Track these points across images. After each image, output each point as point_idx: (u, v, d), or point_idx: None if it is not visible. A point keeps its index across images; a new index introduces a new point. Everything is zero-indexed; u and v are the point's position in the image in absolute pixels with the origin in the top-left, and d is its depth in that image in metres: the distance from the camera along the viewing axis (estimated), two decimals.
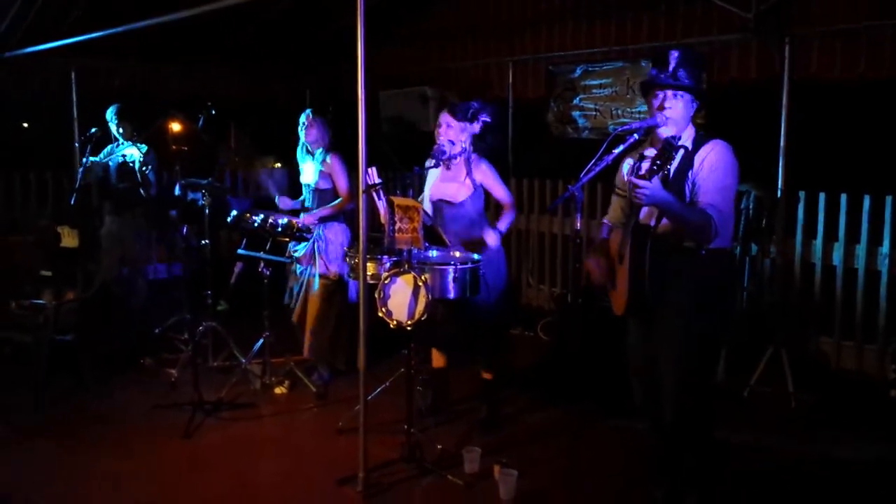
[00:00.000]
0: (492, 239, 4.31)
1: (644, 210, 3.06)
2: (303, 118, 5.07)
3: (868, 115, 5.38)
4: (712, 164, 3.06)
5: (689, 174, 3.08)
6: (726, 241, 3.14)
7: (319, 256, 5.02)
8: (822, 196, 5.39)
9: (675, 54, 3.12)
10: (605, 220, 3.54)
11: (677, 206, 2.97)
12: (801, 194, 5.45)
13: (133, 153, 5.71)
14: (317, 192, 5.07)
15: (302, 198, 5.24)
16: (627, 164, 3.35)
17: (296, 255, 5.12)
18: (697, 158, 3.09)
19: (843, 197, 5.29)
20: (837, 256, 5.37)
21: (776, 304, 5.42)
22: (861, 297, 5.28)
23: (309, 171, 5.12)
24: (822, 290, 5.46)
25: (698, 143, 3.13)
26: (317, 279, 5.03)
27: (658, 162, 2.83)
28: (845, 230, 5.32)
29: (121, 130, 5.75)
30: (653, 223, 3.09)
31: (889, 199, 5.09)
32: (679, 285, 3.09)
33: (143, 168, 5.63)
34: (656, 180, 2.86)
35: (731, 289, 3.96)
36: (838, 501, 3.71)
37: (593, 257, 3.38)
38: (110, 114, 5.77)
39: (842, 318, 5.37)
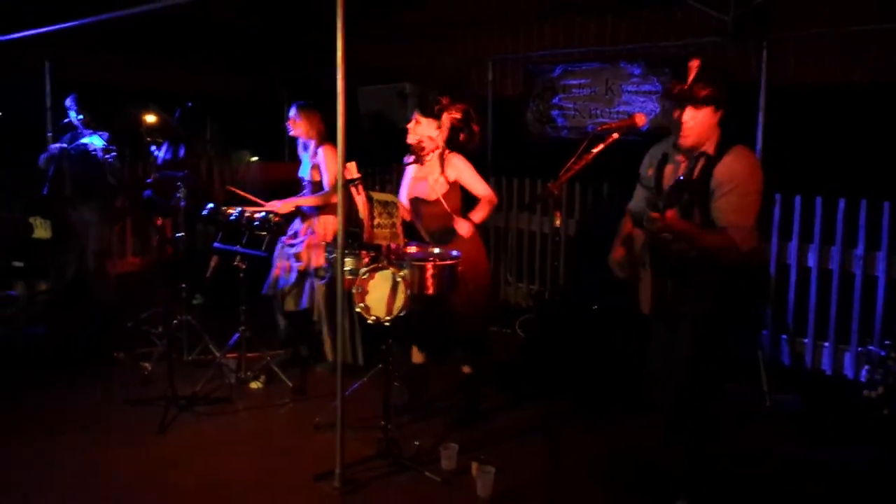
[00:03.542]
0: (463, 228, 4.21)
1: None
2: (291, 113, 5.06)
3: (844, 119, 5.43)
4: (731, 178, 3.05)
5: (711, 182, 3.10)
6: (754, 242, 3.17)
7: (312, 251, 4.99)
8: (797, 199, 5.44)
9: (694, 64, 3.10)
10: (629, 207, 3.54)
11: (695, 233, 3.04)
12: (777, 197, 5.51)
13: (95, 141, 5.64)
14: (311, 184, 5.06)
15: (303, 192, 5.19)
16: (652, 157, 3.38)
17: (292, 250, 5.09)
18: (718, 169, 3.09)
19: (818, 200, 5.35)
20: (812, 258, 5.43)
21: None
22: (836, 298, 5.34)
23: (305, 165, 5.10)
24: (797, 291, 5.52)
25: (721, 149, 3.13)
26: (318, 275, 4.98)
27: (671, 198, 2.92)
28: (820, 232, 5.38)
29: (80, 118, 5.66)
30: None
31: (864, 202, 5.15)
32: (702, 296, 3.15)
33: (106, 156, 5.54)
34: (672, 213, 2.92)
35: (756, 307, 4.12)
36: (811, 501, 3.75)
37: (618, 252, 3.46)
38: (70, 101, 5.68)
39: (817, 319, 5.43)
